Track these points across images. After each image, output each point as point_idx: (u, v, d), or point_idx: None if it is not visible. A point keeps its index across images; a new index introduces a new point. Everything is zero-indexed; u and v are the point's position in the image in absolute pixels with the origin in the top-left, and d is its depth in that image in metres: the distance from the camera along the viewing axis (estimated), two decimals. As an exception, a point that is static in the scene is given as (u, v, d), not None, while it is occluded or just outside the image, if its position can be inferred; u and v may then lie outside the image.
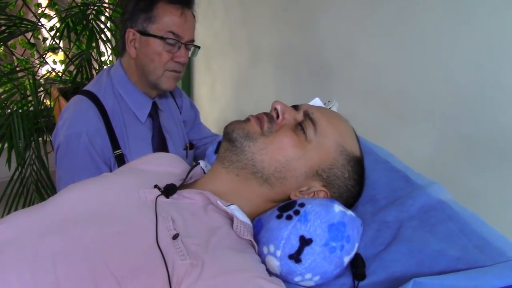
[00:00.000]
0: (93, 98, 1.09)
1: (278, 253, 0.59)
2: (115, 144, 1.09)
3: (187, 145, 1.34)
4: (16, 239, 0.53)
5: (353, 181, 0.69)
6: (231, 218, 0.61)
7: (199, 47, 1.16)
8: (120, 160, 1.10)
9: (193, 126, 1.45)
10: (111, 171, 1.09)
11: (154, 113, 1.19)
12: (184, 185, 0.68)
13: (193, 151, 1.38)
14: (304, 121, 0.67)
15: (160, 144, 1.21)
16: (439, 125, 1.09)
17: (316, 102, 0.92)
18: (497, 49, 0.94)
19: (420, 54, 1.13)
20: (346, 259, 0.61)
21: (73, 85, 2.19)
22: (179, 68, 1.11)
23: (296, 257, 0.58)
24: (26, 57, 2.34)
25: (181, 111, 1.36)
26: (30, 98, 2.01)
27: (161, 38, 1.05)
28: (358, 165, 0.70)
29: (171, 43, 1.06)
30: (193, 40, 1.12)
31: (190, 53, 1.15)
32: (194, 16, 1.12)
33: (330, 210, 0.60)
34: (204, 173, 0.75)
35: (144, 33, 1.06)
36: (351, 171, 0.69)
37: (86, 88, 1.15)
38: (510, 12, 0.90)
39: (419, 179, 0.75)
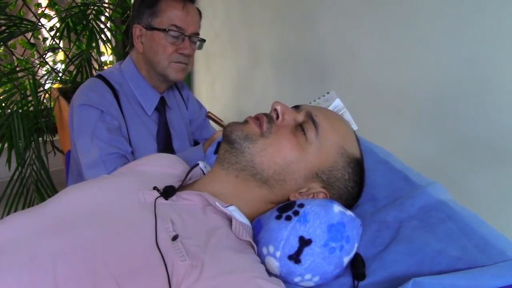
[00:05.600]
0: (106, 81, 1.15)
1: (278, 253, 0.59)
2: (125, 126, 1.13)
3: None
4: (15, 240, 0.53)
5: (353, 183, 0.69)
6: (230, 219, 0.61)
7: (204, 40, 1.21)
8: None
9: (202, 125, 1.46)
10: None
11: (161, 108, 1.23)
12: (183, 186, 0.68)
13: None
14: (305, 123, 0.66)
15: (165, 139, 1.24)
16: (439, 125, 1.09)
17: (332, 96, 0.92)
18: (497, 49, 0.94)
19: (420, 54, 1.13)
20: (346, 259, 0.61)
21: (73, 85, 2.19)
22: (184, 60, 1.15)
23: (295, 257, 0.58)
24: (26, 57, 2.34)
25: (187, 105, 1.39)
26: (30, 98, 2.01)
27: (164, 30, 1.10)
28: (358, 166, 0.70)
29: (175, 35, 1.11)
30: (197, 34, 1.17)
31: (196, 46, 1.19)
32: (199, 12, 1.17)
33: (329, 210, 0.60)
34: (204, 174, 0.75)
35: (149, 27, 1.12)
36: (351, 173, 0.68)
37: (98, 73, 1.20)
38: (510, 12, 0.90)
39: (419, 179, 0.75)
